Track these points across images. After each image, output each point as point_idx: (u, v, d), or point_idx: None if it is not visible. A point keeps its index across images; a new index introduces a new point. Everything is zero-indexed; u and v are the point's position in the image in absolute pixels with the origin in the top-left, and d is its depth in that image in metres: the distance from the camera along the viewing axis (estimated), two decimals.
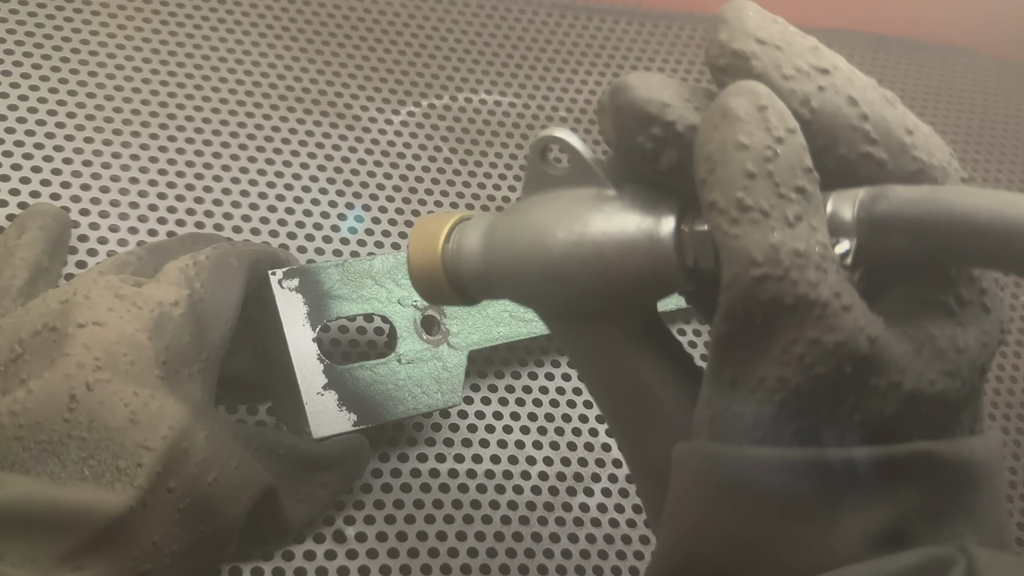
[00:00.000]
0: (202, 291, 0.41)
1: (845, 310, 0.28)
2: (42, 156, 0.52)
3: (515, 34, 0.69)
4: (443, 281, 0.38)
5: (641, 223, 0.32)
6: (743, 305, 0.28)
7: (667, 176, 0.32)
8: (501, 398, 0.52)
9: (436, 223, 0.38)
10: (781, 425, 0.29)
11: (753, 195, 0.28)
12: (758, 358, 0.29)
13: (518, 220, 0.36)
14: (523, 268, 0.35)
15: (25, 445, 0.35)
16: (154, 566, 0.37)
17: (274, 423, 0.47)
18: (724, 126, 0.29)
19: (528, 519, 0.49)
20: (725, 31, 0.31)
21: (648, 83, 0.31)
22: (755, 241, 0.28)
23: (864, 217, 0.29)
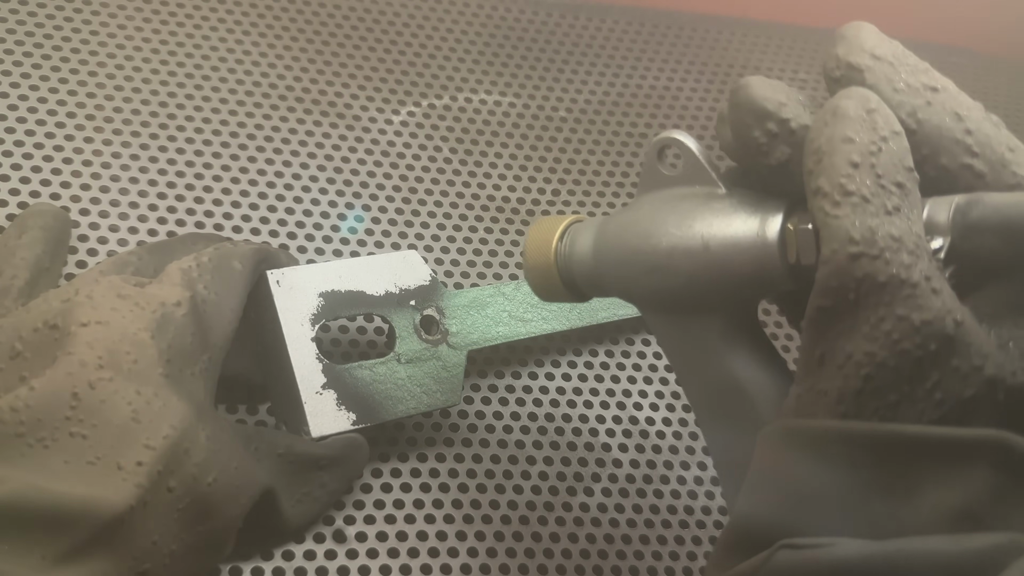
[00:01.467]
0: (204, 292, 0.41)
1: (934, 292, 0.30)
2: (42, 156, 0.52)
3: (515, 34, 0.69)
4: (556, 277, 0.41)
5: (748, 219, 0.34)
6: (838, 279, 0.30)
7: (777, 173, 0.34)
8: (501, 398, 0.52)
9: (551, 224, 0.41)
10: (864, 400, 0.31)
11: (855, 182, 0.30)
12: (847, 334, 0.30)
13: (629, 215, 0.38)
14: (631, 259, 0.37)
15: (26, 442, 0.35)
16: (153, 565, 0.37)
17: (274, 423, 0.47)
18: (833, 122, 0.31)
19: (528, 519, 0.49)
20: (843, 46, 0.33)
21: (766, 84, 0.34)
22: (853, 222, 0.30)
23: (959, 219, 0.31)
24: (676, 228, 0.36)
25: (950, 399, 0.30)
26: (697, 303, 0.36)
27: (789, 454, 0.32)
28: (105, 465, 0.36)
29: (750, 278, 0.34)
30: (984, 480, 0.29)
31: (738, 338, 0.36)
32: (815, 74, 0.76)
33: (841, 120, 0.31)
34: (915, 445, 0.30)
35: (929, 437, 0.30)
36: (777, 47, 0.77)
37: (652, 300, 0.38)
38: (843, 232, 0.30)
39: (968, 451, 0.30)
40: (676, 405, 0.55)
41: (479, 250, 0.57)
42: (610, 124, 0.66)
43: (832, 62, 0.33)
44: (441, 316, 0.48)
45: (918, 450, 0.30)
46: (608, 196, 0.62)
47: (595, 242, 0.39)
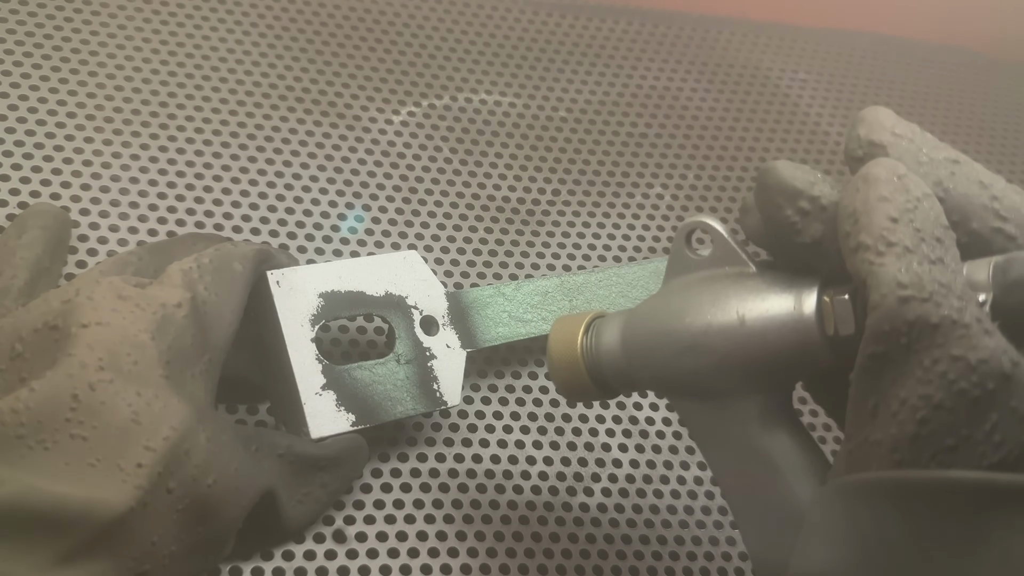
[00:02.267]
0: (205, 293, 0.41)
1: (987, 333, 0.29)
2: (42, 156, 0.52)
3: (515, 34, 0.69)
4: (584, 375, 0.40)
5: (783, 295, 0.35)
6: (890, 323, 0.30)
7: (810, 251, 0.34)
8: (501, 398, 0.52)
9: (574, 321, 0.41)
10: (920, 445, 0.30)
11: (896, 234, 0.31)
12: (901, 381, 0.30)
13: (660, 300, 0.38)
14: (664, 341, 0.37)
15: (27, 444, 0.35)
16: (153, 566, 0.37)
17: (273, 423, 0.47)
18: (866, 187, 0.32)
19: (528, 519, 0.49)
20: (863, 127, 0.34)
21: (793, 165, 0.35)
22: (900, 268, 0.30)
23: (999, 277, 0.31)
24: (710, 306, 0.35)
25: (1010, 441, 0.29)
26: (733, 384, 0.36)
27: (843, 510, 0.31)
28: (105, 467, 0.36)
29: (788, 354, 0.34)
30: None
31: (775, 423, 0.36)
32: (815, 74, 0.76)
33: (874, 183, 0.32)
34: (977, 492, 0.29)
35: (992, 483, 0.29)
36: (777, 47, 0.77)
37: (685, 384, 0.37)
38: (891, 277, 0.30)
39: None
40: None
41: (479, 250, 0.57)
42: (610, 124, 0.66)
43: (854, 143, 0.34)
44: (441, 316, 0.48)
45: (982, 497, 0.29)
46: (608, 196, 0.62)
47: (623, 331, 0.39)
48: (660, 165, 0.65)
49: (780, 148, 0.69)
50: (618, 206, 0.62)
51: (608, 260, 0.60)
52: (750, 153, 0.68)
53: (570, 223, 0.60)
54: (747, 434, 0.36)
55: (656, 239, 0.62)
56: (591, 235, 0.60)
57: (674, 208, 0.63)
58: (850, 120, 0.35)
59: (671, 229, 0.62)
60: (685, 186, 0.65)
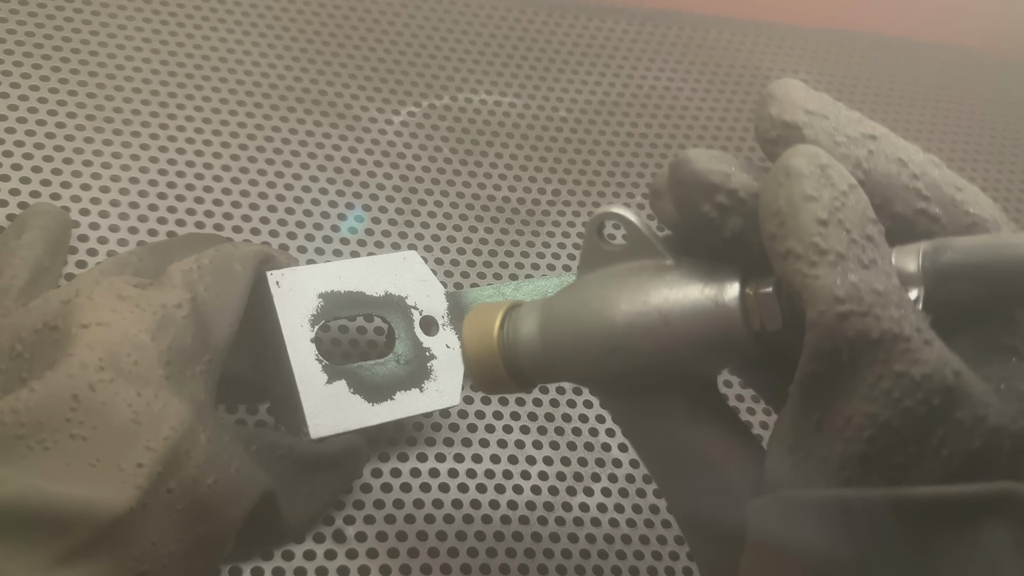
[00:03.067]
0: (205, 294, 0.41)
1: (927, 344, 0.29)
2: (42, 156, 0.52)
3: (515, 34, 0.69)
4: (500, 368, 0.38)
5: (705, 289, 0.33)
6: (830, 342, 0.29)
7: (730, 244, 0.33)
8: (501, 398, 0.52)
9: (488, 311, 0.39)
10: (869, 464, 0.29)
11: (828, 240, 0.29)
12: (845, 397, 0.29)
13: (577, 296, 0.36)
14: (585, 342, 0.35)
15: (27, 444, 0.35)
16: (152, 567, 0.37)
17: (273, 423, 0.47)
18: (789, 183, 0.30)
19: (528, 519, 0.49)
20: (774, 105, 0.33)
21: (708, 156, 0.33)
22: (836, 280, 0.29)
23: (929, 267, 0.30)
24: (629, 305, 0.34)
25: (957, 454, 0.29)
26: (659, 381, 0.35)
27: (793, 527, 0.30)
28: (105, 467, 0.36)
29: (713, 349, 0.33)
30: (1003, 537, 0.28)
31: (703, 413, 0.35)
32: (815, 74, 0.76)
33: (796, 179, 0.30)
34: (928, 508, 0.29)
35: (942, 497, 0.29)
36: (777, 47, 0.77)
37: (610, 383, 0.36)
38: (827, 292, 0.29)
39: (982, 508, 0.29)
40: None
41: (479, 250, 0.57)
42: (610, 124, 0.66)
43: (766, 123, 0.33)
44: (441, 316, 0.48)
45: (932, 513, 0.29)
46: (608, 196, 0.62)
47: (541, 326, 0.37)
48: (660, 165, 0.65)
49: None
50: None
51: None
52: (750, 153, 0.68)
53: (570, 223, 0.60)
54: (676, 426, 0.35)
55: None
56: None
57: None
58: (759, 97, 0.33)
59: None
60: None
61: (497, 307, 0.39)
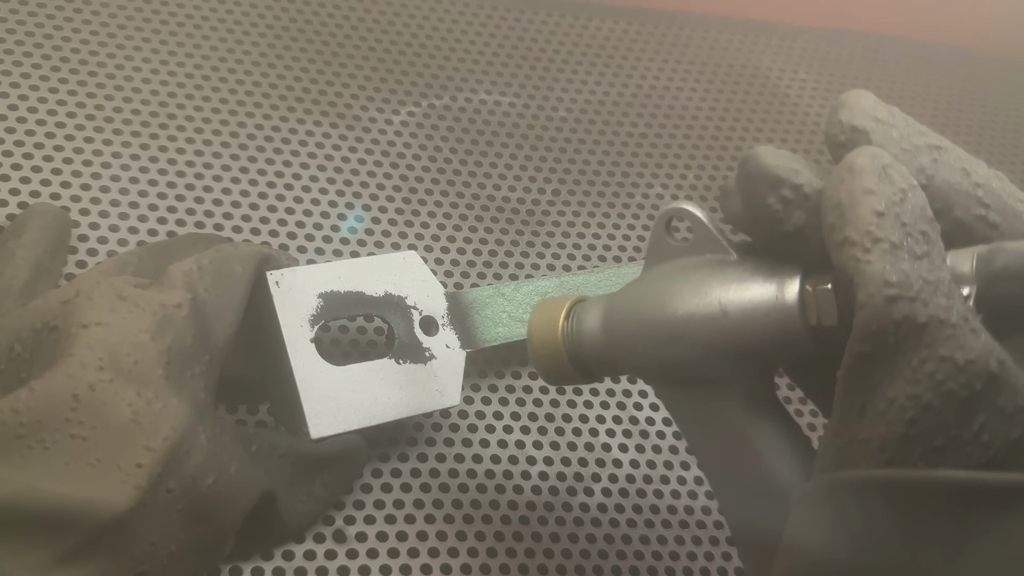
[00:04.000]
0: (205, 294, 0.41)
1: (974, 332, 0.29)
2: (42, 156, 0.52)
3: (515, 34, 0.69)
4: (564, 360, 0.40)
5: (765, 284, 0.34)
6: (877, 323, 0.30)
7: (793, 240, 0.34)
8: (501, 398, 0.52)
9: (554, 304, 0.40)
10: (909, 446, 0.30)
11: (883, 229, 0.30)
12: (889, 380, 0.30)
13: (641, 288, 0.37)
14: (646, 331, 0.36)
15: (26, 443, 0.35)
16: (152, 567, 0.37)
17: (274, 423, 0.47)
18: (851, 178, 0.31)
19: (528, 519, 0.49)
20: (845, 112, 0.34)
21: (775, 152, 0.34)
22: (887, 266, 0.30)
23: (983, 268, 0.31)
24: (692, 296, 0.35)
25: (997, 441, 0.29)
26: (715, 374, 0.36)
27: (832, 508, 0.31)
28: (105, 467, 0.36)
29: (770, 343, 0.34)
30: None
31: (758, 410, 0.36)
32: (815, 74, 0.76)
33: (859, 174, 0.31)
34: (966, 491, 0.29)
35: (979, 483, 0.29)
36: (777, 47, 0.77)
37: (668, 373, 0.37)
38: (878, 276, 0.30)
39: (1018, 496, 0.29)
40: None
41: (479, 250, 0.57)
42: (610, 124, 0.66)
43: (835, 128, 0.34)
44: (440, 316, 0.48)
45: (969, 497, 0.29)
46: (608, 196, 0.62)
47: (604, 318, 0.38)
48: (660, 165, 0.65)
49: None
50: (618, 206, 0.62)
51: (608, 260, 0.60)
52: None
53: (570, 223, 0.60)
54: (730, 420, 0.36)
55: None
56: (591, 235, 0.60)
57: None
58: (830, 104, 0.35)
59: None
60: (685, 186, 0.65)
61: (563, 300, 0.40)
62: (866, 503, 0.30)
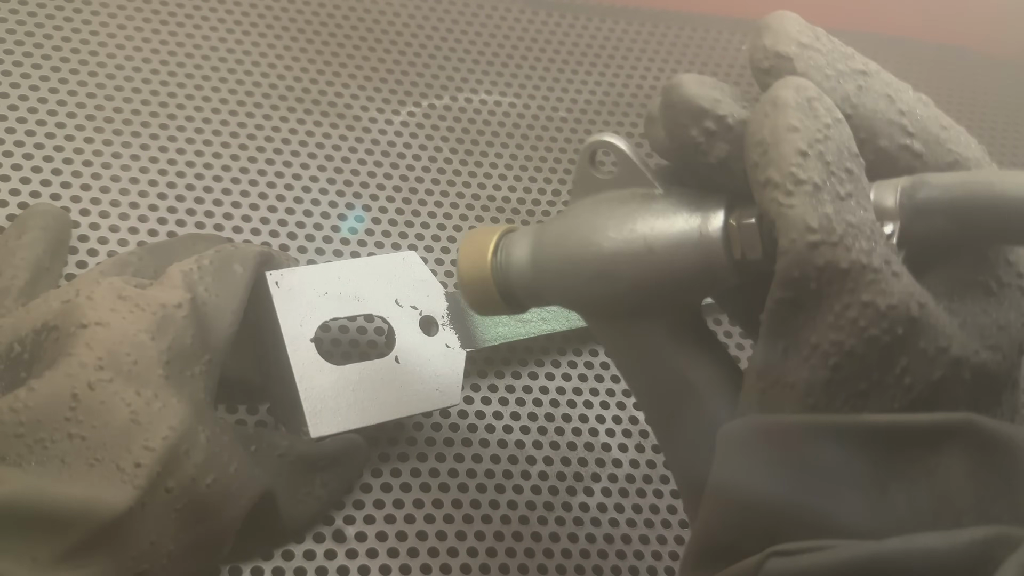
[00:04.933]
0: (205, 295, 0.41)
1: (895, 276, 0.29)
2: (42, 156, 0.52)
3: (515, 34, 0.69)
4: (493, 290, 0.39)
5: (690, 218, 0.34)
6: (799, 269, 0.29)
7: (716, 171, 0.33)
8: (501, 398, 0.52)
9: (483, 235, 0.40)
10: (833, 390, 0.30)
11: (806, 170, 0.30)
12: (811, 324, 0.30)
13: (567, 222, 0.37)
14: (573, 267, 0.36)
15: (25, 443, 0.35)
16: (151, 566, 0.37)
17: (273, 423, 0.47)
18: (775, 113, 0.30)
19: (528, 519, 0.49)
20: (769, 36, 0.33)
21: (699, 81, 0.33)
22: (809, 210, 0.29)
23: (906, 202, 0.30)
24: (617, 232, 0.35)
25: (919, 383, 0.30)
26: (643, 307, 0.35)
27: (757, 450, 0.31)
28: (104, 466, 0.36)
29: (696, 277, 0.34)
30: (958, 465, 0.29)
31: (686, 338, 0.36)
32: None
33: (782, 110, 0.30)
34: (887, 434, 0.29)
35: (901, 425, 0.29)
36: None
37: (596, 307, 0.37)
38: (800, 221, 0.29)
39: (939, 436, 0.29)
40: None
41: None
42: (610, 124, 0.66)
43: (759, 53, 0.33)
44: (441, 316, 0.48)
45: (890, 440, 0.29)
46: None
47: (532, 251, 0.38)
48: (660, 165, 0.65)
49: None
50: None
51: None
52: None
53: None
54: (660, 351, 0.36)
55: None
56: None
57: None
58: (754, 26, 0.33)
59: None
60: None
61: (492, 231, 0.40)
62: (791, 447, 0.30)
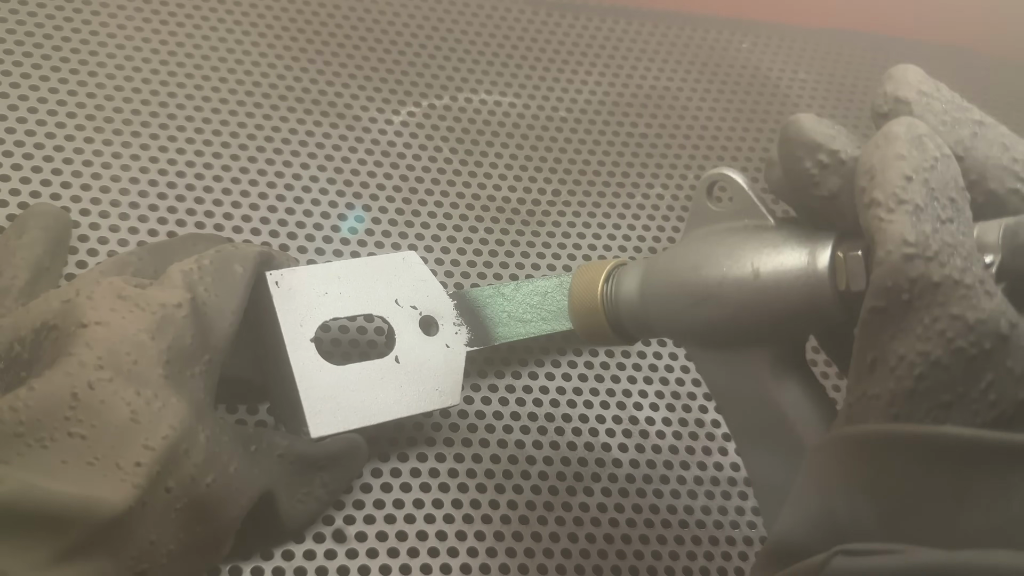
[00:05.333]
0: (205, 295, 0.41)
1: (988, 295, 0.30)
2: (42, 156, 0.52)
3: (515, 34, 0.69)
4: (603, 321, 0.41)
5: (798, 248, 0.35)
6: (892, 279, 0.30)
7: (827, 205, 0.35)
8: (501, 398, 0.52)
9: (595, 269, 0.42)
10: (916, 401, 0.30)
11: (909, 192, 0.31)
12: (900, 336, 0.31)
13: (678, 251, 0.38)
14: (680, 292, 0.37)
15: (25, 442, 0.35)
16: (151, 566, 0.37)
17: (273, 423, 0.47)
18: (885, 144, 0.32)
19: (528, 519, 0.49)
20: (891, 83, 0.35)
21: (816, 119, 0.35)
22: (908, 226, 0.30)
23: (1009, 239, 0.31)
24: (726, 259, 0.36)
25: (1004, 401, 0.30)
26: (746, 335, 0.36)
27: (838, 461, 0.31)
28: (104, 465, 0.36)
29: (800, 307, 0.35)
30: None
31: (786, 372, 0.37)
32: (815, 74, 0.76)
33: (893, 141, 0.32)
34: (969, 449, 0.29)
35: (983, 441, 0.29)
36: (777, 47, 0.77)
37: (701, 334, 0.38)
38: (897, 234, 0.30)
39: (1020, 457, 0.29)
40: (676, 405, 0.55)
41: (479, 250, 0.57)
42: (610, 124, 0.66)
43: (880, 99, 0.34)
44: (440, 317, 0.48)
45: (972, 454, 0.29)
46: (608, 196, 0.62)
47: (642, 280, 0.39)
48: (660, 165, 0.65)
49: None
50: (618, 206, 0.62)
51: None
52: (750, 153, 0.68)
53: (570, 223, 0.60)
54: (759, 384, 0.37)
55: (656, 239, 0.62)
56: (591, 235, 0.60)
57: (674, 208, 0.63)
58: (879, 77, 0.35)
59: (671, 229, 0.62)
60: (685, 186, 0.65)
61: (603, 264, 0.42)
62: (872, 457, 0.31)
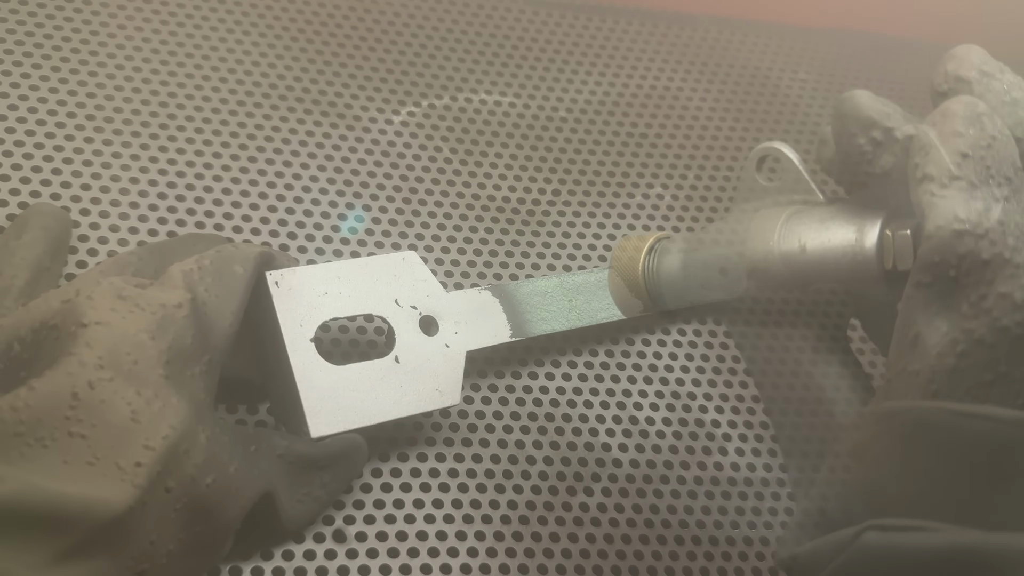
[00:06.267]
0: (205, 295, 0.41)
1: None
2: (42, 156, 0.52)
3: (515, 34, 0.69)
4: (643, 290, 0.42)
5: (847, 225, 0.35)
6: (940, 254, 0.30)
7: (879, 183, 0.34)
8: (501, 398, 0.52)
9: (638, 239, 0.43)
10: (957, 379, 0.30)
11: (963, 169, 0.30)
12: (945, 313, 0.30)
13: (726, 224, 0.39)
14: (725, 264, 0.38)
15: (25, 442, 0.35)
16: (151, 566, 0.37)
17: (273, 423, 0.47)
18: (942, 122, 0.31)
19: (528, 519, 0.49)
20: (952, 62, 0.34)
21: (871, 96, 0.35)
22: (960, 203, 0.30)
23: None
24: (774, 232, 0.36)
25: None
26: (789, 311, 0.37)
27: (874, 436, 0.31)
28: (104, 465, 0.36)
29: (845, 284, 0.34)
30: None
31: (828, 350, 0.37)
32: (815, 74, 0.76)
33: (951, 119, 0.31)
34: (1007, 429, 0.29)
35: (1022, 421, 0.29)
36: (777, 47, 0.77)
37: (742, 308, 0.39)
38: (949, 211, 0.30)
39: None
40: (676, 405, 0.55)
41: (479, 250, 0.57)
42: (610, 124, 0.66)
43: (940, 78, 0.34)
44: (440, 316, 0.48)
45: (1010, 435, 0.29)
46: (608, 196, 0.62)
47: (685, 252, 0.40)
48: (660, 165, 0.65)
49: None
50: (618, 206, 0.62)
51: (608, 260, 0.60)
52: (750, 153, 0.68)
53: (570, 223, 0.60)
54: (799, 360, 0.36)
55: None
56: (591, 235, 0.60)
57: (674, 208, 0.63)
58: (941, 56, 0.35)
59: (671, 229, 0.62)
60: (685, 186, 0.65)
61: (647, 236, 0.43)
62: (909, 433, 0.30)
